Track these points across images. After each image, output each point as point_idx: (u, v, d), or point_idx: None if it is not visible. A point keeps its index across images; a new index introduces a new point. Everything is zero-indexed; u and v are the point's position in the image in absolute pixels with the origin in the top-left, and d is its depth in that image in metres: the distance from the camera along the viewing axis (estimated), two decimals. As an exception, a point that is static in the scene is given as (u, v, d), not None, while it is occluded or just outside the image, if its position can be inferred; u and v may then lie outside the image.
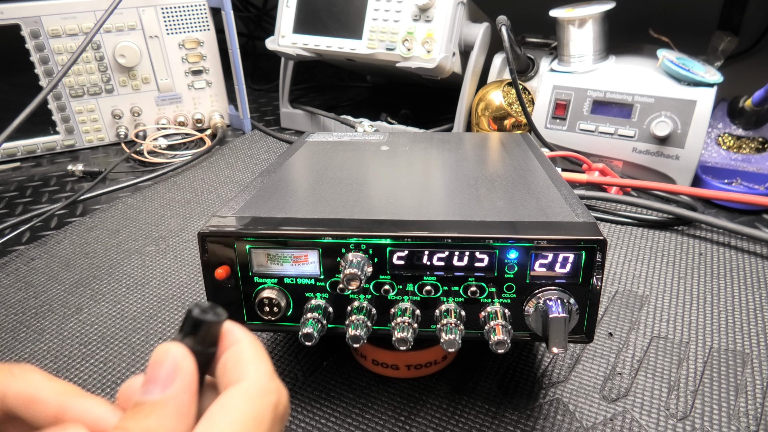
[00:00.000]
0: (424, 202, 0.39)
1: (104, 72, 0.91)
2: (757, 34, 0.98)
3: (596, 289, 0.34)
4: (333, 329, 0.37)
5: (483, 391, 0.42)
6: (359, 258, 0.34)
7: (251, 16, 1.49)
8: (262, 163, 0.86)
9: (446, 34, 0.76)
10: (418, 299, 0.36)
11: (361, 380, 0.43)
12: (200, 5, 0.94)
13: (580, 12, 0.73)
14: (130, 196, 0.77)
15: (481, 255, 0.34)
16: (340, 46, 0.83)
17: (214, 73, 0.99)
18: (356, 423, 0.40)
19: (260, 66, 1.41)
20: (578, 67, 0.75)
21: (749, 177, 0.70)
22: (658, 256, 0.59)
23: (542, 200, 0.39)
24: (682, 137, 0.69)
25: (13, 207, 0.76)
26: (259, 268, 0.36)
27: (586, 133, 0.75)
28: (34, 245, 0.65)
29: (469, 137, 0.60)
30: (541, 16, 0.78)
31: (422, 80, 0.91)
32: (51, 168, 0.89)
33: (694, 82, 0.68)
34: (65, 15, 0.86)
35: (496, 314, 0.35)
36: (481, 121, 0.82)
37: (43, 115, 0.90)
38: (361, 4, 0.81)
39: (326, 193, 0.41)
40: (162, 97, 0.97)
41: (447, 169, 0.48)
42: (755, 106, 0.70)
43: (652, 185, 0.67)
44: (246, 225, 0.35)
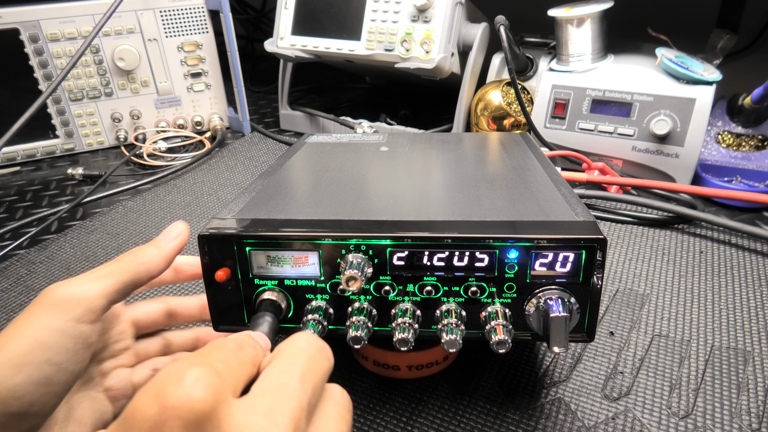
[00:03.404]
0: (423, 203, 0.39)
1: (103, 75, 0.92)
2: (756, 32, 0.98)
3: (597, 288, 0.34)
4: (334, 330, 0.37)
5: (484, 392, 0.42)
6: (359, 259, 0.34)
7: (250, 19, 1.50)
8: (261, 165, 0.87)
9: (445, 34, 0.76)
10: (419, 300, 0.36)
11: (362, 381, 0.43)
12: (199, 8, 0.94)
13: (578, 11, 0.73)
14: (130, 199, 0.77)
15: (481, 255, 0.34)
16: (339, 47, 0.83)
17: (213, 75, 1.00)
18: (358, 424, 0.40)
19: (259, 68, 1.41)
20: (577, 67, 0.75)
21: (749, 175, 0.70)
22: (659, 254, 0.59)
23: (542, 200, 0.39)
24: (682, 135, 0.69)
25: (13, 211, 0.76)
26: (259, 270, 0.36)
27: (585, 133, 0.75)
28: (34, 249, 0.65)
29: (468, 137, 0.60)
30: (540, 16, 0.78)
31: (421, 81, 0.91)
32: (51, 172, 0.89)
33: (693, 80, 0.68)
34: (64, 19, 0.86)
35: (497, 314, 0.34)
36: (480, 121, 0.82)
37: (43, 119, 0.90)
38: (360, 5, 0.81)
39: (326, 194, 0.41)
40: (161, 100, 0.97)
41: (446, 169, 0.48)
42: (754, 103, 0.70)
43: (652, 184, 0.67)
44: (246, 227, 0.35)
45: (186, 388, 0.20)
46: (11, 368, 0.27)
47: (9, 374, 0.27)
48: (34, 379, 0.27)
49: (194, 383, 0.21)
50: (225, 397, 0.22)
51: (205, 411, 0.20)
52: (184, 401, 0.20)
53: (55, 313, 0.29)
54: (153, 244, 0.34)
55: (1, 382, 0.26)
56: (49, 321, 0.28)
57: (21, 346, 0.27)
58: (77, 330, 0.29)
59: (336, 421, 0.25)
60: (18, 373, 0.27)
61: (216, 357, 0.23)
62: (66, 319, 0.29)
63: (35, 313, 0.29)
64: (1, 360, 0.27)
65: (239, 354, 0.25)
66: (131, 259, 0.33)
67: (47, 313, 0.29)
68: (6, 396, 0.26)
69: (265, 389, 0.23)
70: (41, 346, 0.28)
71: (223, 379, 0.22)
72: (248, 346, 0.26)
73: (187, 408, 0.20)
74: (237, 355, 0.25)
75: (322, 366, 0.26)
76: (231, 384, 0.23)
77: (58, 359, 0.28)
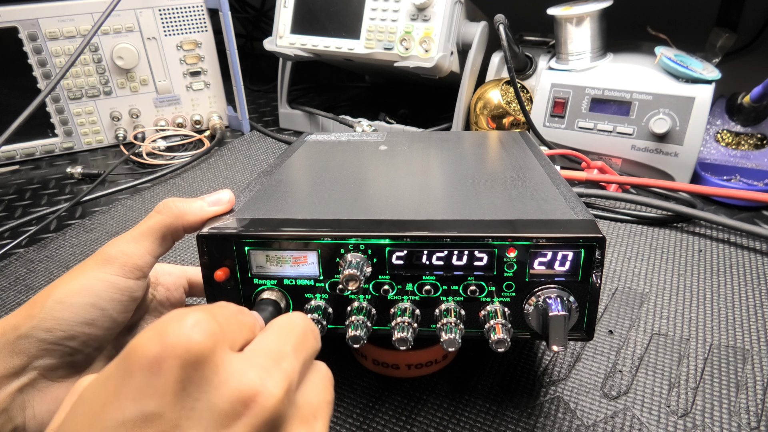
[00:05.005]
0: (422, 202, 0.39)
1: (102, 74, 0.91)
2: (756, 31, 0.98)
3: (596, 287, 0.34)
4: (333, 330, 0.37)
5: (484, 390, 0.42)
6: (358, 258, 0.34)
7: (249, 17, 1.49)
8: (260, 164, 0.86)
9: (444, 33, 0.76)
10: (418, 299, 0.36)
11: (361, 380, 0.43)
12: (198, 6, 0.94)
13: (577, 10, 0.73)
14: (129, 198, 0.77)
15: (480, 254, 0.34)
16: (338, 46, 0.83)
17: (213, 74, 0.99)
18: (357, 423, 0.40)
19: (258, 67, 1.41)
20: (576, 65, 0.75)
21: (748, 173, 0.70)
22: (658, 253, 0.59)
23: (541, 198, 0.39)
24: (681, 134, 0.69)
25: (12, 210, 0.76)
26: (258, 269, 0.36)
27: (584, 131, 0.75)
28: (33, 248, 0.65)
29: (467, 136, 0.60)
30: (539, 15, 0.78)
31: (420, 80, 0.91)
32: (50, 171, 0.89)
33: (692, 79, 0.68)
34: (63, 17, 0.86)
35: (496, 313, 0.35)
36: (479, 120, 0.82)
37: (42, 118, 0.90)
38: (359, 4, 0.81)
39: (325, 193, 0.41)
40: (160, 99, 0.97)
41: (446, 168, 0.48)
42: (754, 102, 0.70)
43: (651, 182, 0.67)
44: (245, 226, 0.35)
45: (186, 329, 0.21)
46: (59, 303, 0.31)
47: (57, 309, 0.31)
48: (80, 317, 0.32)
49: (194, 326, 0.22)
50: (223, 345, 0.23)
51: (203, 353, 0.21)
52: (184, 341, 0.21)
53: (106, 267, 0.33)
54: (198, 200, 0.37)
55: (49, 313, 0.31)
56: (98, 273, 0.32)
57: (71, 288, 0.32)
58: (124, 283, 0.33)
59: (322, 390, 0.26)
60: (65, 309, 0.31)
61: (218, 312, 0.24)
62: (114, 272, 0.33)
63: (88, 265, 0.33)
64: (53, 296, 0.31)
65: (239, 316, 0.26)
66: (175, 215, 0.36)
67: (98, 266, 0.33)
68: (52, 326, 0.31)
69: (261, 349, 0.25)
70: (89, 291, 0.32)
71: (222, 329, 0.23)
72: (248, 314, 0.29)
73: (186, 348, 0.21)
74: (237, 317, 0.26)
75: (313, 344, 0.28)
76: (229, 337, 0.24)
77: (104, 305, 0.32)
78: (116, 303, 0.33)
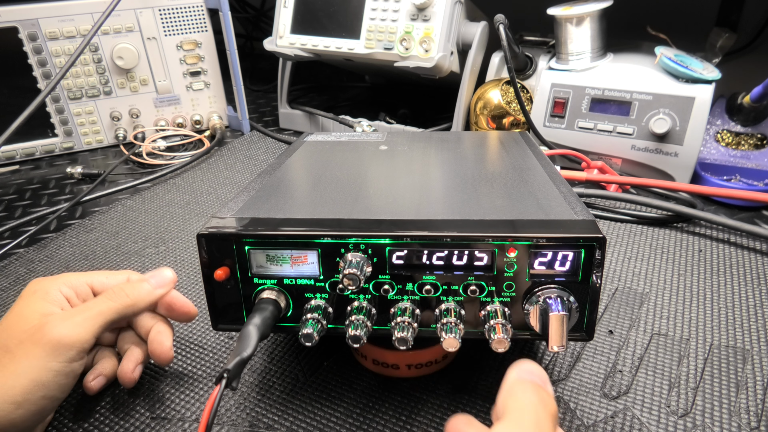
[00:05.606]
0: (423, 202, 0.39)
1: (102, 74, 0.91)
2: (756, 31, 0.98)
3: (596, 287, 0.34)
4: (333, 329, 0.37)
5: (484, 390, 0.42)
6: (358, 258, 0.34)
7: (249, 17, 1.49)
8: (260, 164, 0.86)
9: (444, 33, 0.76)
10: (418, 299, 0.36)
11: (361, 380, 0.43)
12: (198, 6, 0.94)
13: (577, 10, 0.73)
14: (129, 198, 0.77)
15: (480, 254, 0.34)
16: (338, 46, 0.83)
17: (213, 74, 0.99)
18: (357, 423, 0.40)
19: (258, 67, 1.41)
20: (576, 65, 0.75)
21: (748, 173, 0.70)
22: (658, 253, 0.59)
23: (541, 198, 0.39)
24: (681, 134, 0.69)
25: (12, 210, 0.76)
26: (258, 269, 0.36)
27: (584, 131, 0.75)
28: (33, 248, 0.65)
29: (467, 136, 0.60)
30: (539, 15, 0.78)
31: (420, 80, 0.91)
32: (50, 171, 0.89)
33: (692, 79, 0.68)
34: (63, 17, 0.86)
35: (496, 313, 0.35)
36: (479, 120, 0.82)
37: (42, 118, 0.90)
38: (359, 4, 0.81)
39: (325, 193, 0.41)
40: (160, 99, 0.97)
41: (446, 168, 0.48)
42: (753, 102, 0.70)
43: (651, 182, 0.67)
44: (245, 226, 0.35)
45: None
46: (12, 404, 0.33)
47: (10, 409, 0.33)
48: (31, 412, 0.34)
49: None
50: None
51: None
52: None
53: (52, 356, 0.34)
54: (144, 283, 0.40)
55: (3, 416, 0.32)
56: (45, 363, 0.34)
57: (22, 386, 0.33)
58: (70, 368, 0.35)
59: None
60: (18, 408, 0.33)
61: None
62: (61, 361, 0.34)
63: (34, 353, 0.34)
64: (5, 398, 0.33)
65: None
66: (127, 304, 0.38)
67: (44, 354, 0.34)
68: (6, 426, 0.33)
69: None
70: (39, 386, 0.34)
71: None
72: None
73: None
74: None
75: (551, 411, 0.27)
76: None
77: (53, 394, 0.34)
78: (63, 387, 0.35)
